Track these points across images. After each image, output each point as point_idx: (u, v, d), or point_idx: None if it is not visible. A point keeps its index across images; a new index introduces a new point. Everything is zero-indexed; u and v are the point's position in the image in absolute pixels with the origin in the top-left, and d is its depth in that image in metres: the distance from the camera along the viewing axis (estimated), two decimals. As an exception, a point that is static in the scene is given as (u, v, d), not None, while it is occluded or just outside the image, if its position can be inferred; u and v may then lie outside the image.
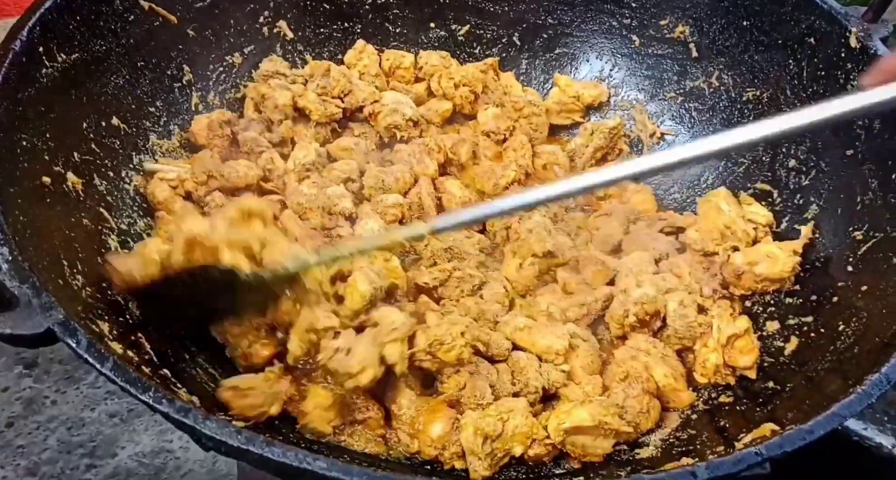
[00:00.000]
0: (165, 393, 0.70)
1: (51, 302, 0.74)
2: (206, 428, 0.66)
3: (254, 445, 0.66)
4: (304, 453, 0.66)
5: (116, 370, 0.70)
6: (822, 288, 1.17)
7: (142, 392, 0.69)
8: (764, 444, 0.70)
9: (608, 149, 1.64)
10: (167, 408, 0.68)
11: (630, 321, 1.17)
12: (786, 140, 1.39)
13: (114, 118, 1.22)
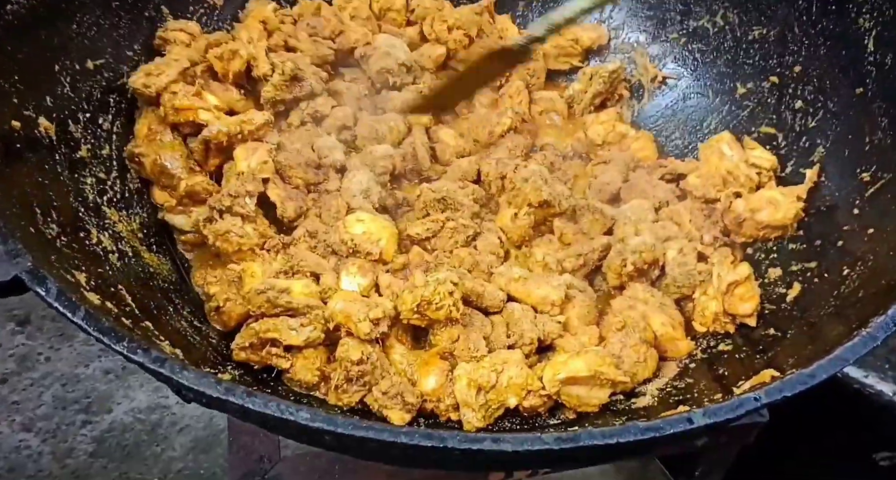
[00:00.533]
0: (142, 342, 0.67)
1: (18, 249, 0.71)
2: (184, 379, 0.63)
3: (234, 395, 0.63)
4: (286, 403, 0.63)
5: (89, 319, 0.67)
6: (826, 233, 1.14)
7: (115, 341, 0.66)
8: (763, 389, 0.67)
9: (608, 95, 1.58)
10: (142, 358, 0.65)
11: (628, 270, 1.14)
12: (793, 82, 1.34)
13: (88, 61, 1.16)
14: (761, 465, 1.81)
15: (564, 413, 1.03)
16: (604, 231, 1.23)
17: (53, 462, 1.89)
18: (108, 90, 1.19)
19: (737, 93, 1.45)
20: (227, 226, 1.07)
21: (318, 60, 1.41)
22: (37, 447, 1.90)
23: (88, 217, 1.01)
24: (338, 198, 1.20)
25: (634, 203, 1.25)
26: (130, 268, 1.02)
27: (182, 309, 1.05)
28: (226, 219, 1.08)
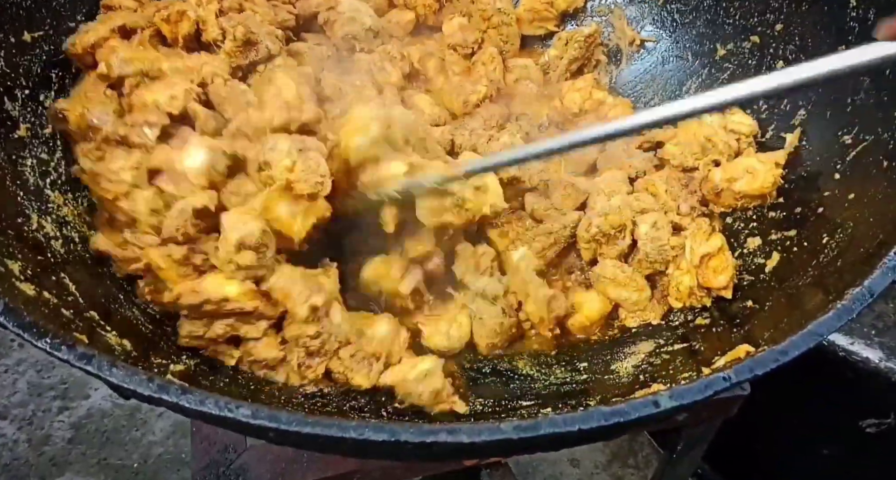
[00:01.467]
0: (67, 338, 0.62)
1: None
2: (114, 376, 0.59)
3: (167, 393, 0.59)
4: (225, 400, 0.59)
5: (7, 314, 0.62)
6: (806, 200, 1.10)
7: (37, 337, 0.61)
8: (733, 369, 0.64)
9: (584, 60, 1.53)
10: (67, 356, 0.60)
11: (592, 233, 1.10)
12: (774, 41, 1.29)
13: (25, 33, 1.09)
14: (747, 434, 1.80)
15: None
16: (576, 205, 1.19)
17: (30, 450, 1.86)
18: (49, 64, 1.12)
19: (717, 54, 1.39)
20: (105, 167, 1.00)
21: (276, 26, 1.34)
22: (12, 435, 1.86)
23: (29, 201, 0.96)
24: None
25: (608, 174, 1.20)
26: (76, 255, 0.97)
27: (134, 297, 1.00)
28: (113, 155, 1.01)
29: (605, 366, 1.03)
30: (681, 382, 0.85)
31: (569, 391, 0.99)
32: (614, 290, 1.11)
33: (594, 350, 1.10)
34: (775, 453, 1.84)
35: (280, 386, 0.98)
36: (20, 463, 1.94)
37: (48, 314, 0.75)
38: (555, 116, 1.44)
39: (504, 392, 1.03)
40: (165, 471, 1.85)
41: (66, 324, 0.77)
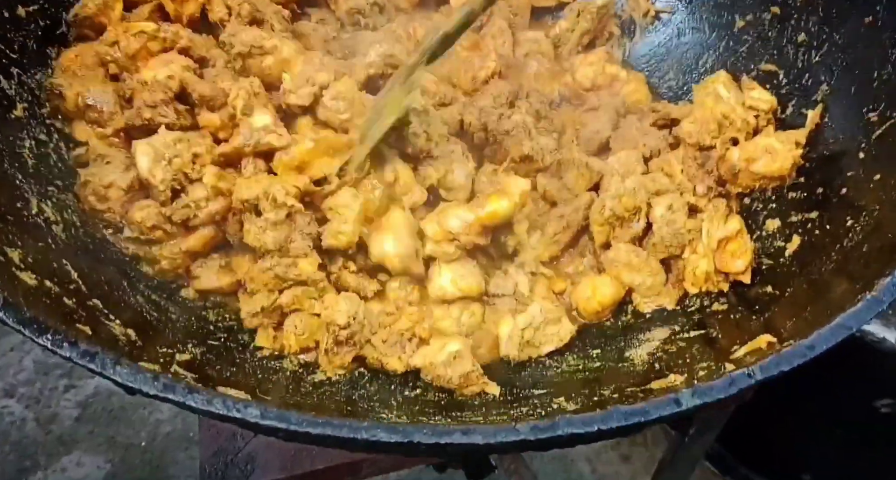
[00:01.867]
0: (68, 334, 0.60)
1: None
2: (117, 375, 0.57)
3: (174, 392, 0.57)
4: (232, 400, 0.57)
5: (6, 309, 0.60)
6: (829, 180, 1.06)
7: (37, 334, 0.59)
8: (758, 364, 0.61)
9: (597, 33, 1.47)
10: (68, 353, 0.58)
11: (606, 216, 1.07)
12: (796, 12, 1.24)
13: (19, 7, 1.05)
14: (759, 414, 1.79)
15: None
16: (589, 186, 1.15)
17: (38, 428, 1.86)
18: (45, 40, 1.08)
19: (735, 26, 1.34)
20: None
21: (282, 2, 1.30)
22: (20, 413, 1.87)
23: (28, 185, 0.93)
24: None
25: (622, 154, 1.16)
26: (78, 240, 0.95)
27: (138, 283, 0.98)
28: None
29: (619, 353, 1.01)
30: (698, 372, 0.84)
31: (582, 379, 0.97)
32: (628, 275, 1.08)
33: (607, 336, 1.07)
34: (788, 432, 1.83)
35: (288, 374, 0.96)
36: (28, 442, 1.95)
37: (49, 305, 0.73)
38: (566, 92, 1.39)
39: (516, 379, 1.02)
40: (173, 450, 1.85)
41: (69, 315, 0.75)
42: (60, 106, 1.03)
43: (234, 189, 0.99)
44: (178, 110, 1.04)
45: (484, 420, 0.88)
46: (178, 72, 1.05)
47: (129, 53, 1.08)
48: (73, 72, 1.06)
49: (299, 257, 0.97)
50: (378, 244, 1.01)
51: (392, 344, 0.99)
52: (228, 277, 1.03)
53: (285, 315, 1.00)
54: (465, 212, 1.02)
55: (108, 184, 0.97)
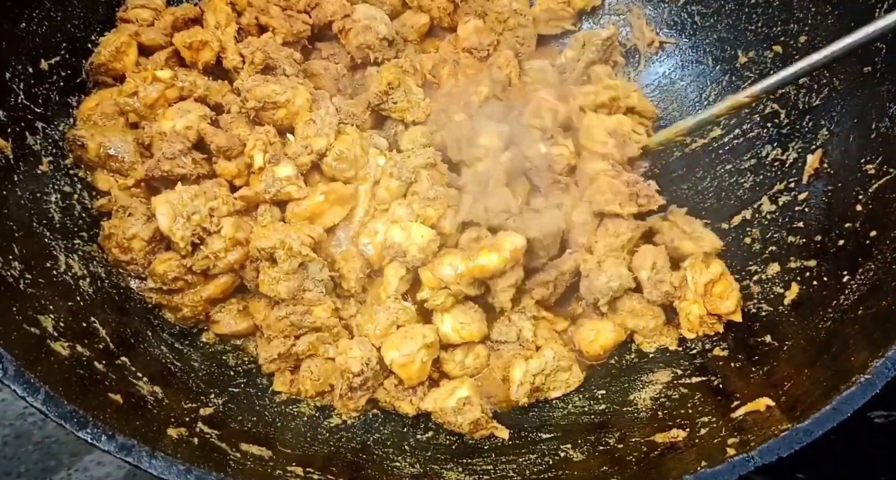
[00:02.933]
0: (105, 428, 0.64)
1: (-30, 325, 0.66)
2: (153, 468, 0.61)
3: (206, 484, 0.61)
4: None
5: (49, 403, 0.64)
6: (826, 229, 1.09)
7: (78, 428, 0.63)
8: (757, 449, 0.65)
9: (601, 63, 1.50)
10: (107, 446, 0.62)
11: (602, 304, 1.12)
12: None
13: (42, 62, 1.08)
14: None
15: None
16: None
17: (59, 428, 1.90)
18: (67, 90, 1.11)
19: (738, 62, 1.37)
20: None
21: (292, 37, 1.32)
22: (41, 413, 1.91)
23: (55, 240, 0.97)
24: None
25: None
26: (104, 292, 0.98)
27: (162, 331, 1.02)
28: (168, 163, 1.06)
29: (624, 395, 1.05)
30: (700, 429, 0.88)
31: (588, 423, 1.01)
32: (632, 320, 1.12)
33: (612, 376, 1.11)
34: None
35: (305, 419, 1.00)
36: (51, 441, 1.98)
37: (82, 376, 0.77)
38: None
39: (523, 420, 1.06)
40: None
41: (101, 382, 0.79)
42: (83, 156, 1.07)
43: (251, 238, 1.03)
44: (196, 160, 1.07)
45: (493, 469, 0.92)
46: (196, 122, 1.08)
47: (148, 103, 1.11)
48: (94, 121, 1.10)
49: (313, 305, 1.00)
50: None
51: (403, 388, 1.03)
52: (246, 321, 1.07)
53: (301, 359, 1.04)
54: (458, 262, 1.05)
55: (131, 236, 1.00)
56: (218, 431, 0.85)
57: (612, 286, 1.09)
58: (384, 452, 0.96)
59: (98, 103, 1.12)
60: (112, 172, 1.08)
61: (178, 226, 0.98)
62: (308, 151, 1.08)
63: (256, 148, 1.07)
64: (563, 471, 0.88)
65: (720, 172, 1.33)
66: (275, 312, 1.02)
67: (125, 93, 1.11)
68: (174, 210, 0.99)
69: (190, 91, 1.13)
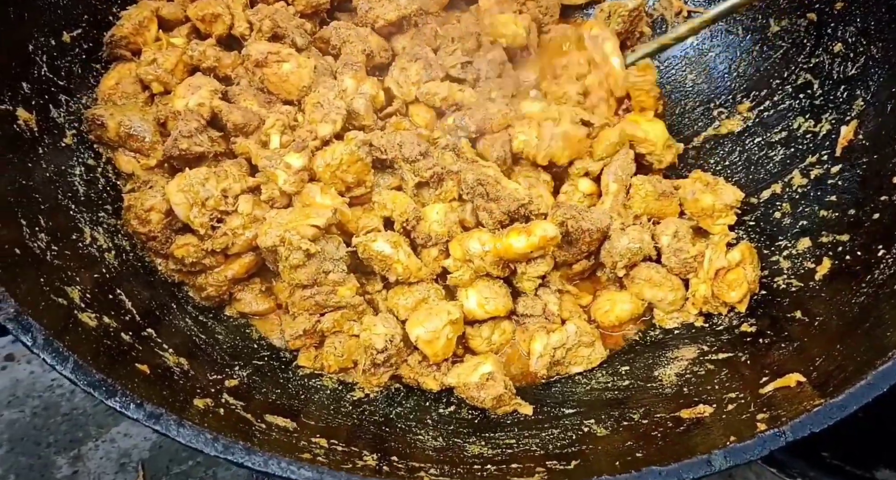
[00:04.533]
0: (134, 396, 0.64)
1: (0, 294, 0.67)
2: (181, 436, 0.61)
3: (232, 453, 0.61)
4: (287, 460, 0.61)
5: (78, 371, 0.64)
6: (861, 202, 1.06)
7: (107, 396, 0.63)
8: (789, 424, 0.64)
9: (627, 34, 1.46)
10: (136, 414, 0.62)
11: (620, 268, 1.11)
12: (833, 21, 1.22)
13: (64, 34, 1.07)
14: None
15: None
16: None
17: (86, 400, 1.94)
18: (89, 63, 1.11)
19: (769, 30, 1.32)
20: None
21: (310, 9, 1.30)
22: (69, 386, 1.94)
23: (80, 213, 0.97)
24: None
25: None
26: (128, 264, 0.99)
27: (186, 304, 1.02)
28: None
29: (648, 371, 1.04)
30: (727, 404, 0.87)
31: (611, 398, 1.00)
32: (650, 291, 1.11)
33: (636, 352, 1.10)
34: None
35: (328, 392, 1.01)
36: (78, 413, 2.03)
37: (110, 346, 0.77)
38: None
39: (546, 395, 1.05)
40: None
41: (128, 352, 0.80)
42: (103, 135, 1.06)
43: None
44: (213, 138, 1.06)
45: (516, 443, 0.92)
46: (208, 97, 1.07)
47: (169, 68, 1.11)
48: (114, 101, 1.09)
49: (338, 285, 1.00)
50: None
51: (427, 364, 1.03)
52: (268, 303, 1.07)
53: (325, 336, 1.04)
54: (487, 239, 1.04)
55: (149, 208, 1.00)
56: (243, 402, 0.85)
57: (632, 247, 1.08)
58: (406, 425, 0.96)
59: (118, 82, 1.11)
60: (133, 151, 1.07)
61: (194, 213, 0.98)
62: (313, 137, 1.06)
63: (275, 127, 1.06)
64: (587, 446, 0.87)
65: (749, 145, 1.30)
66: (299, 292, 1.02)
67: (145, 62, 1.10)
68: (188, 197, 0.98)
69: (199, 60, 1.11)
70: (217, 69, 1.16)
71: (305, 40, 1.23)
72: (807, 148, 1.20)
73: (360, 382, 1.03)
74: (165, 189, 1.00)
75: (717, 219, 1.17)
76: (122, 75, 1.12)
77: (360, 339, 1.00)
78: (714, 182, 1.17)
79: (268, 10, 1.19)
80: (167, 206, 1.01)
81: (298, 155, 1.02)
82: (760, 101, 1.30)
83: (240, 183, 1.02)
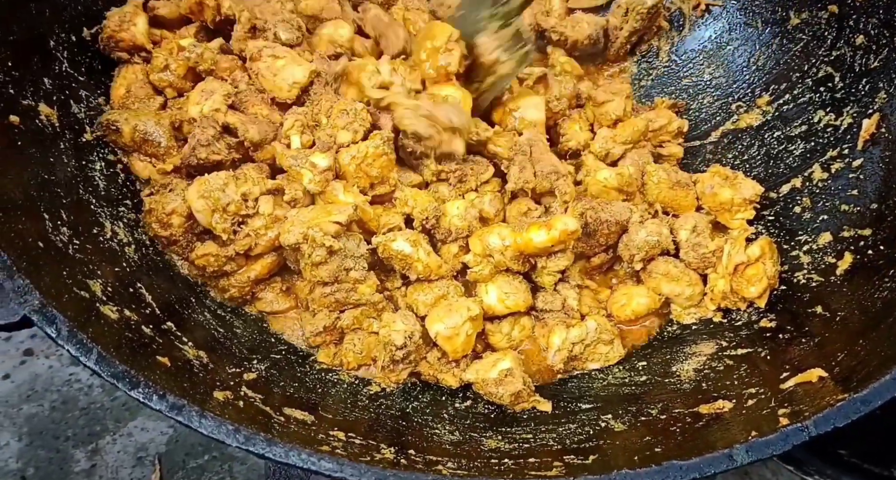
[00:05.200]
0: (157, 387, 0.64)
1: (25, 286, 0.68)
2: (203, 427, 0.62)
3: (254, 444, 0.62)
4: (308, 452, 0.62)
5: (101, 363, 0.65)
6: (883, 196, 1.05)
7: (130, 387, 0.64)
8: (812, 419, 0.63)
9: (645, 31, 1.45)
10: (159, 406, 0.63)
11: (637, 261, 1.11)
12: (855, 13, 1.20)
13: (84, 30, 1.08)
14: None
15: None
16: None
17: (104, 394, 1.96)
18: (109, 59, 1.12)
19: (789, 23, 1.31)
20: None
21: None
22: (87, 380, 1.97)
23: (101, 208, 0.98)
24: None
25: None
26: (148, 259, 1.00)
27: (205, 298, 1.03)
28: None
29: (666, 367, 1.04)
30: (747, 400, 0.86)
31: (629, 394, 1.00)
32: (667, 285, 1.10)
33: (653, 347, 1.10)
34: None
35: (345, 386, 1.01)
36: (96, 407, 2.05)
37: (132, 339, 0.78)
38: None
39: (562, 390, 1.05)
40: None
41: (149, 345, 0.80)
42: (118, 140, 1.06)
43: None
44: (230, 144, 1.06)
45: (533, 438, 0.92)
46: (221, 102, 1.06)
47: (181, 74, 1.11)
48: (127, 106, 1.09)
49: (358, 282, 1.00)
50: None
51: (447, 361, 1.03)
52: (289, 302, 1.08)
53: (345, 333, 1.04)
54: (507, 234, 1.04)
55: (170, 212, 1.00)
56: (262, 395, 0.85)
57: (650, 240, 1.08)
58: (423, 419, 0.96)
59: (127, 89, 1.10)
60: (148, 156, 1.07)
61: (216, 219, 0.98)
62: (332, 141, 1.05)
63: (294, 129, 1.05)
64: (605, 441, 0.87)
65: (769, 139, 1.28)
66: (320, 289, 1.02)
67: (156, 69, 1.10)
68: (209, 204, 0.98)
69: (196, 63, 1.10)
70: (215, 72, 1.13)
71: (292, 36, 1.17)
72: (827, 141, 1.18)
73: (379, 380, 1.03)
74: (186, 195, 1.00)
75: (736, 213, 1.17)
76: (129, 81, 1.11)
77: (380, 336, 1.00)
78: (733, 176, 1.17)
79: (250, 2, 1.16)
80: (188, 210, 1.01)
81: (324, 155, 1.02)
82: (780, 95, 1.29)
83: (259, 186, 1.02)
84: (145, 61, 1.13)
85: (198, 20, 1.18)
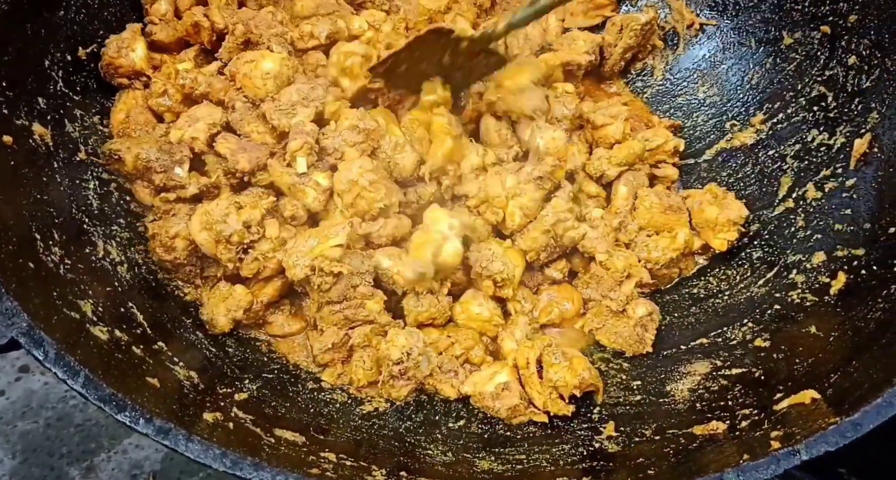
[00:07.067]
0: (143, 411, 0.64)
1: (13, 308, 0.68)
2: (189, 451, 0.61)
3: (241, 469, 0.61)
4: (296, 475, 0.61)
5: (89, 386, 0.65)
6: (875, 216, 1.05)
7: (117, 411, 0.63)
8: (803, 442, 0.63)
9: (639, 48, 1.46)
10: (145, 429, 0.63)
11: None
12: (847, 34, 1.21)
13: (80, 50, 1.09)
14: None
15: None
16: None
17: (99, 412, 1.96)
18: (104, 79, 1.12)
19: (783, 43, 1.32)
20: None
21: None
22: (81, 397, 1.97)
23: (94, 227, 0.98)
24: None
25: None
26: (141, 278, 1.00)
27: (197, 317, 1.02)
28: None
29: (660, 386, 1.03)
30: (740, 420, 0.85)
31: (623, 413, 1.00)
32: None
33: (647, 366, 1.09)
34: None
35: (338, 406, 1.01)
36: (91, 424, 2.04)
37: (122, 360, 0.78)
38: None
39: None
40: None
41: (139, 366, 0.80)
42: (120, 169, 1.06)
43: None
44: (228, 170, 1.06)
45: (527, 459, 0.91)
46: (204, 131, 1.06)
47: (180, 99, 1.11)
48: (128, 133, 1.09)
49: (366, 298, 1.00)
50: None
51: (447, 371, 1.03)
52: (299, 323, 1.08)
53: (354, 350, 1.04)
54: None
55: (174, 235, 1.00)
56: (252, 416, 0.85)
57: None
58: (416, 439, 0.95)
59: (127, 114, 1.11)
60: (150, 183, 1.06)
61: (220, 250, 0.99)
62: (338, 156, 1.06)
63: (302, 151, 1.03)
64: (599, 462, 0.86)
65: (762, 158, 1.29)
66: (328, 307, 1.02)
67: (155, 94, 1.10)
68: (210, 234, 0.98)
69: (191, 88, 1.10)
70: (210, 94, 1.12)
71: (284, 48, 1.17)
72: (821, 160, 1.19)
73: (381, 395, 1.02)
74: (189, 226, 1.00)
75: (719, 232, 1.18)
76: (129, 106, 1.11)
77: (380, 350, 1.00)
78: (723, 195, 1.18)
79: (244, 14, 1.17)
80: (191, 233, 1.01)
81: (325, 174, 1.03)
82: (774, 114, 1.30)
83: (258, 209, 1.02)
84: (146, 86, 1.14)
85: (196, 42, 1.19)
